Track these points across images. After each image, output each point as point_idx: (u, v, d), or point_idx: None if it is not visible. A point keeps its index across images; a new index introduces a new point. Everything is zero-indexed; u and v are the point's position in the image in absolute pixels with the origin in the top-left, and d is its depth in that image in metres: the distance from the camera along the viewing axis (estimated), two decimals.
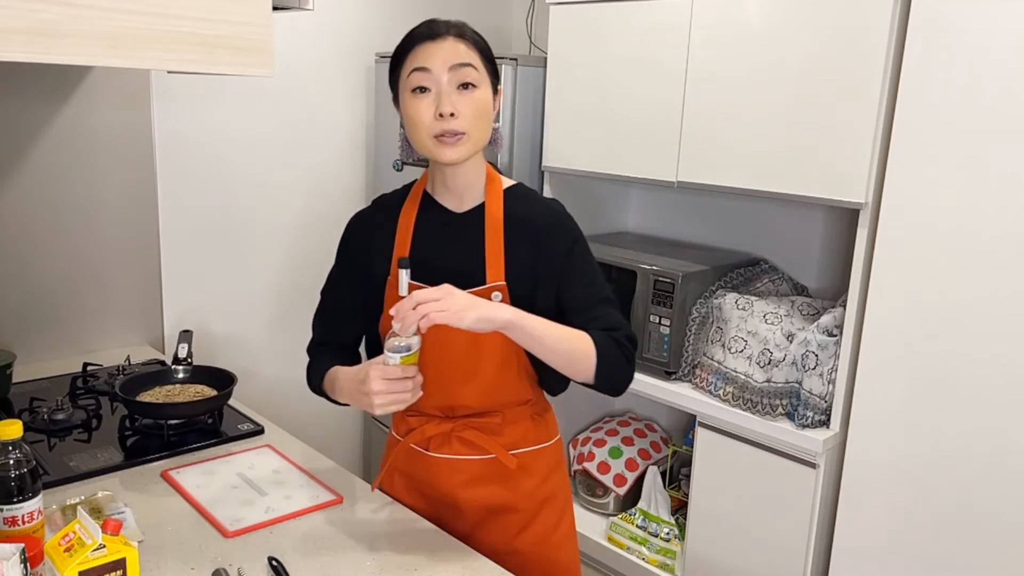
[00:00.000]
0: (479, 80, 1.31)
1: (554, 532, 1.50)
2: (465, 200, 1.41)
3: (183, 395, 1.83)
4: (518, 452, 1.46)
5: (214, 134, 2.48)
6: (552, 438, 1.53)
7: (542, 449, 1.49)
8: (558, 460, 1.54)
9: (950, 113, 1.66)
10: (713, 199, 2.53)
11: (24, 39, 1.07)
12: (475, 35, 1.34)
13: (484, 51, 1.34)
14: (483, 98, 1.32)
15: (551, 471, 1.51)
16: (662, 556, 2.29)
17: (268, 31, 1.32)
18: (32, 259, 2.15)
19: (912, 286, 1.75)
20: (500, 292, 1.35)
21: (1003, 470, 1.67)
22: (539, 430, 1.49)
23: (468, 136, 1.31)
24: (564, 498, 1.54)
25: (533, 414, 1.48)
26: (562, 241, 1.38)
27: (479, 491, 1.46)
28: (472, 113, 1.30)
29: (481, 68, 1.32)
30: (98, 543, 1.09)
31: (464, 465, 1.45)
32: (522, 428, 1.46)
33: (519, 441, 1.46)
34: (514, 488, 1.46)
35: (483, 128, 1.33)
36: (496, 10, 3.09)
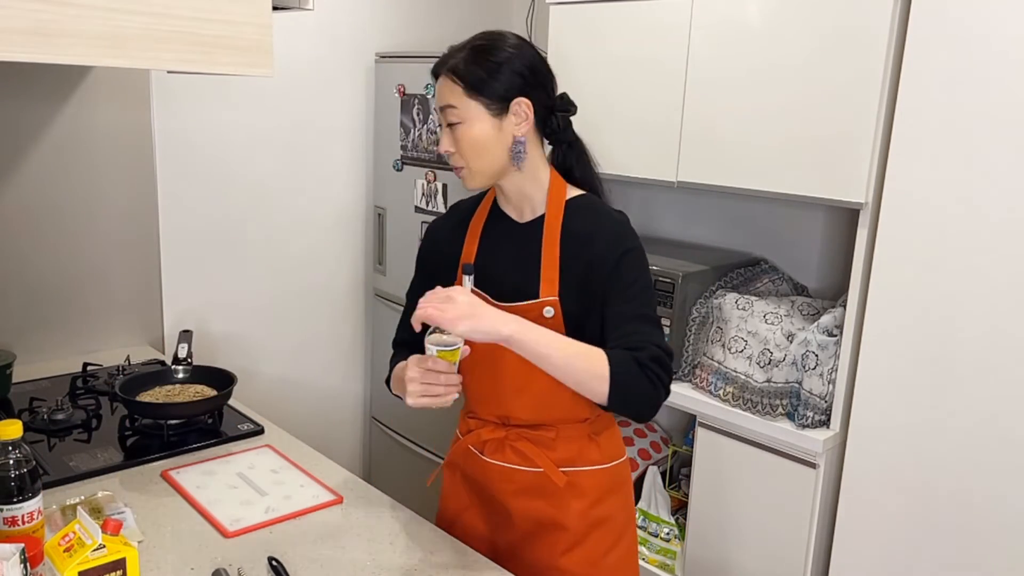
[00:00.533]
0: (462, 116, 1.32)
1: (606, 556, 1.44)
2: (525, 211, 1.42)
3: (183, 395, 1.84)
4: (569, 470, 1.42)
5: (214, 134, 2.48)
6: (611, 460, 1.46)
7: (597, 471, 1.44)
8: (618, 483, 1.47)
9: (950, 113, 1.66)
10: (713, 199, 2.52)
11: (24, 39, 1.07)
12: (463, 62, 1.33)
13: (470, 78, 1.32)
14: (467, 134, 1.33)
15: (606, 493, 1.45)
16: (662, 556, 2.29)
17: (268, 31, 1.32)
18: (32, 259, 2.15)
19: (912, 286, 1.75)
20: (552, 307, 1.34)
21: (1003, 470, 1.67)
22: (595, 450, 1.44)
23: (467, 167, 1.35)
24: (622, 523, 1.48)
25: (591, 433, 1.43)
26: (612, 255, 1.33)
27: (529, 503, 1.44)
28: (461, 149, 1.34)
29: (464, 102, 1.32)
30: (98, 543, 1.09)
31: (515, 475, 1.43)
32: (576, 446, 1.42)
33: (573, 459, 1.42)
34: (563, 506, 1.42)
35: (480, 157, 1.34)
36: (496, 10, 3.09)
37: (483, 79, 1.32)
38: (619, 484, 1.48)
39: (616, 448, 1.48)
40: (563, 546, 1.43)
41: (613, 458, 1.47)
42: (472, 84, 1.32)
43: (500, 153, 1.35)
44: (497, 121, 1.33)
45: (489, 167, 1.36)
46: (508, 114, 1.34)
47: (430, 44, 2.94)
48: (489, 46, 1.34)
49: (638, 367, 1.25)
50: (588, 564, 1.43)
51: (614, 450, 1.47)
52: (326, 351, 2.87)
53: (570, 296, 1.34)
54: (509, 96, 1.33)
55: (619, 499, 1.48)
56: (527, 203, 1.41)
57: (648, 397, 1.26)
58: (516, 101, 1.33)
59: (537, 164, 1.39)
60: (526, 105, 1.34)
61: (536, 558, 1.44)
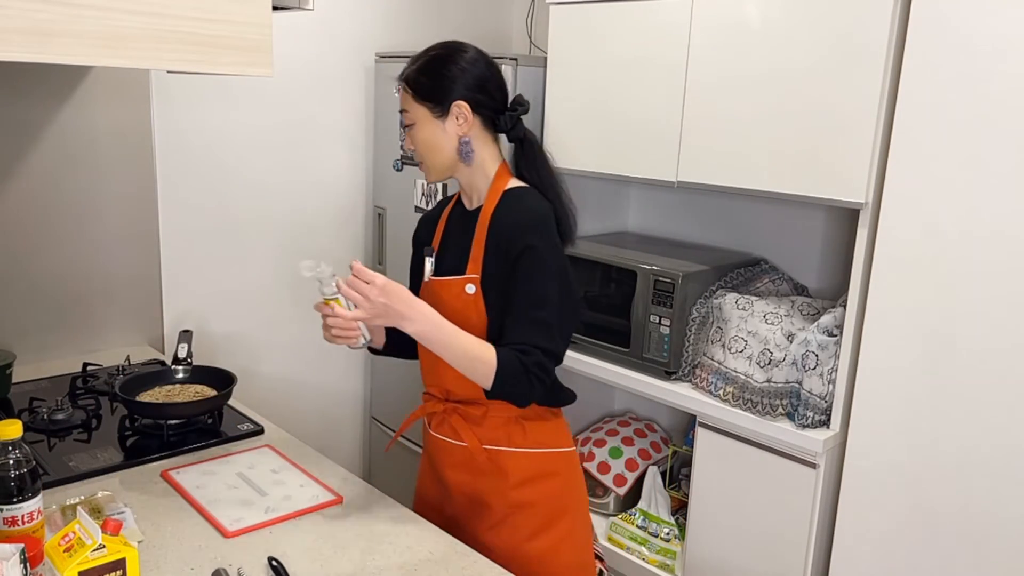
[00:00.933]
0: (412, 119, 1.50)
1: (530, 541, 1.51)
2: (474, 200, 1.56)
3: (183, 395, 1.83)
4: (492, 448, 1.51)
5: (214, 134, 2.48)
6: (539, 447, 1.53)
7: (521, 453, 1.51)
8: (547, 471, 1.53)
9: (950, 113, 1.66)
10: (713, 199, 2.53)
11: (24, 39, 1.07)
12: (414, 71, 1.49)
13: (419, 87, 1.48)
14: (418, 135, 1.50)
15: (532, 479, 1.51)
16: (662, 556, 2.29)
17: (268, 31, 1.32)
18: (32, 259, 2.15)
19: (912, 286, 1.75)
20: (473, 284, 1.48)
21: (1003, 470, 1.67)
22: (521, 434, 1.52)
23: (424, 164, 1.53)
24: (551, 512, 1.53)
25: (520, 417, 1.51)
26: (518, 245, 1.43)
27: (461, 476, 1.55)
28: (416, 148, 1.52)
29: (413, 106, 1.49)
30: (98, 543, 1.09)
31: (451, 448, 1.55)
32: (503, 427, 1.51)
33: (498, 439, 1.51)
34: (487, 483, 1.52)
35: (431, 154, 1.51)
36: (496, 10, 3.09)
37: (427, 86, 1.47)
38: (548, 473, 1.53)
39: (548, 437, 1.55)
40: (488, 523, 1.52)
41: (542, 445, 1.53)
42: (418, 91, 1.48)
43: (449, 151, 1.50)
44: (440, 123, 1.48)
45: (441, 163, 1.51)
46: (449, 116, 1.48)
47: (430, 44, 2.93)
48: (436, 56, 1.50)
49: (523, 370, 1.39)
50: (510, 546, 1.50)
51: (545, 438, 1.54)
52: (326, 351, 2.87)
53: (491, 275, 1.47)
54: (448, 101, 1.47)
55: (547, 488, 1.53)
56: (475, 193, 1.55)
57: (525, 395, 1.42)
58: (455, 104, 1.47)
59: (485, 158, 1.52)
60: (465, 108, 1.47)
61: (468, 531, 1.54)
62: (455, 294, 1.48)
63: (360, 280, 1.36)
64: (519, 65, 2.39)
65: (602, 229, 2.69)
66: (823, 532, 1.96)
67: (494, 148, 1.54)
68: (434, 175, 1.54)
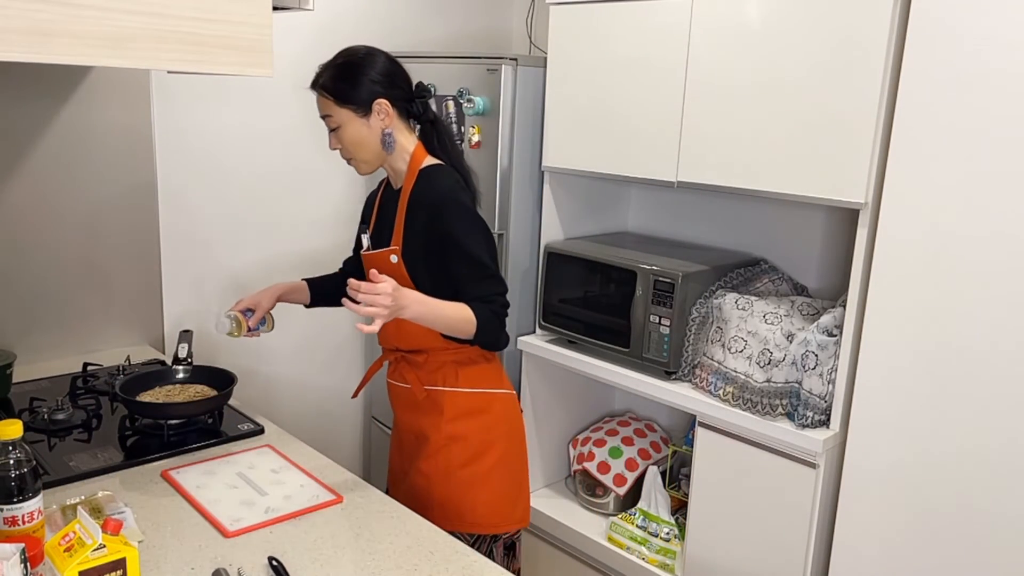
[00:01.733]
0: (338, 122, 1.67)
1: (461, 470, 1.73)
2: (398, 181, 1.76)
3: (183, 395, 1.84)
4: (431, 388, 1.76)
5: (214, 134, 2.48)
6: (472, 387, 1.75)
7: (455, 392, 1.74)
8: (477, 408, 1.75)
9: (950, 113, 1.66)
10: (713, 199, 2.53)
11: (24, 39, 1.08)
12: (333, 81, 1.65)
13: (340, 93, 1.65)
14: (347, 134, 1.67)
15: (464, 414, 1.74)
16: (662, 556, 2.29)
17: (268, 31, 1.32)
18: (32, 259, 2.15)
19: (912, 286, 1.76)
20: (395, 255, 1.69)
21: (1003, 469, 1.67)
22: (455, 376, 1.75)
23: (355, 159, 1.72)
24: (480, 444, 1.75)
25: (455, 362, 1.75)
26: (444, 224, 1.64)
27: (407, 415, 1.81)
28: (345, 147, 1.70)
29: (336, 111, 1.66)
30: (98, 543, 1.09)
31: (400, 391, 1.81)
32: (441, 370, 1.75)
33: (435, 380, 1.75)
34: (426, 419, 1.76)
35: (360, 150, 1.69)
36: (496, 10, 3.09)
37: (347, 91, 1.64)
38: (479, 410, 1.76)
39: (480, 379, 1.77)
40: (426, 452, 1.76)
41: (474, 386, 1.76)
42: (339, 96, 1.65)
43: (375, 144, 1.69)
44: (365, 121, 1.67)
45: (370, 157, 1.71)
46: (372, 114, 1.66)
47: (430, 44, 2.94)
48: (347, 63, 1.66)
49: (494, 316, 1.65)
50: (442, 472, 1.74)
51: (477, 380, 1.76)
52: (326, 351, 2.87)
53: (412, 245, 1.68)
54: (370, 100, 1.65)
55: (478, 422, 1.75)
56: (398, 175, 1.75)
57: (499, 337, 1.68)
58: (376, 102, 1.65)
59: (404, 144, 1.72)
60: (385, 104, 1.66)
61: (412, 462, 1.80)
62: (382, 263, 1.71)
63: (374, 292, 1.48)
64: (519, 65, 2.39)
65: (602, 229, 2.69)
66: (823, 532, 1.96)
67: (410, 133, 1.73)
68: (366, 168, 1.73)
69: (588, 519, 2.52)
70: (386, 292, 1.48)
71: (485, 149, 2.45)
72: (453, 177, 1.69)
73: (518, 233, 2.52)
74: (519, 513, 1.82)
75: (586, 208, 2.61)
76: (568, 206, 2.55)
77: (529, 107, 2.45)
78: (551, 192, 2.49)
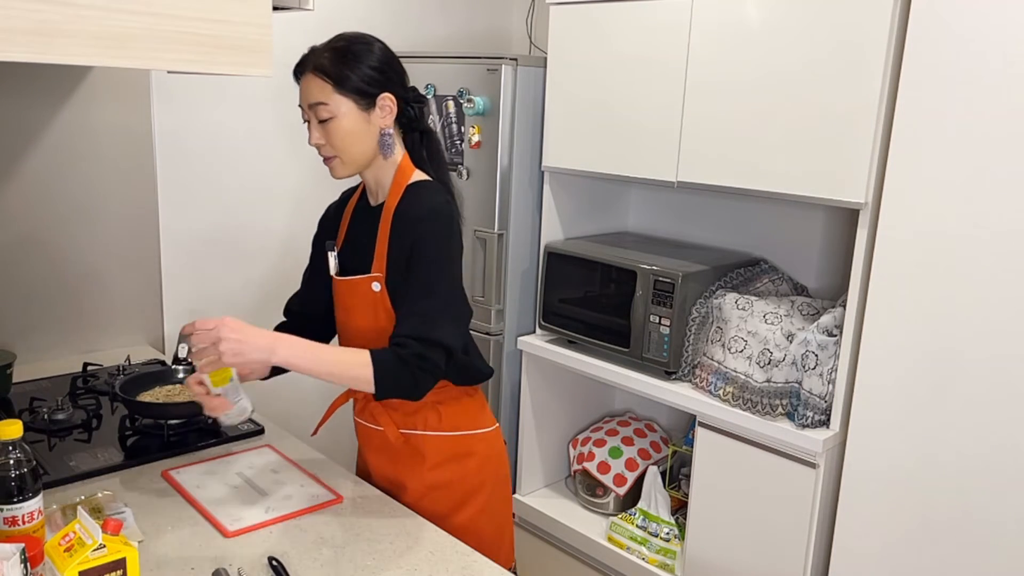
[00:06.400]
0: (334, 111, 1.43)
1: (443, 520, 1.54)
2: (379, 195, 1.55)
3: (183, 395, 1.83)
4: (408, 432, 1.55)
5: (214, 134, 2.48)
6: (453, 430, 1.56)
7: (435, 436, 1.55)
8: (462, 453, 1.57)
9: (950, 113, 1.66)
10: (713, 199, 2.53)
11: (24, 39, 1.07)
12: (331, 63, 1.42)
13: (339, 76, 1.42)
14: (340, 127, 1.44)
15: (449, 460, 1.56)
16: (662, 556, 2.29)
17: (268, 31, 1.32)
18: (32, 259, 2.15)
19: (912, 286, 1.75)
20: (378, 282, 1.47)
21: (1003, 469, 1.67)
22: (436, 417, 1.55)
23: (339, 158, 1.47)
24: (467, 489, 1.57)
25: (434, 401, 1.54)
26: (412, 235, 1.43)
27: (380, 460, 1.60)
28: (333, 141, 1.45)
29: (335, 98, 1.42)
30: (98, 543, 1.09)
31: (371, 432, 1.60)
32: (420, 412, 1.54)
33: (413, 423, 1.55)
34: (403, 466, 1.57)
35: (352, 147, 1.46)
36: (496, 10, 3.09)
37: (350, 77, 1.42)
38: (464, 454, 1.57)
39: (464, 419, 1.57)
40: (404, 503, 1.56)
41: (458, 428, 1.56)
42: (341, 81, 1.42)
43: (370, 144, 1.47)
44: (366, 115, 1.45)
45: (360, 157, 1.48)
46: (375, 108, 1.45)
47: (430, 44, 2.94)
48: (350, 47, 1.44)
49: (401, 364, 1.37)
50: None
51: (461, 421, 1.56)
52: None
53: (396, 272, 1.46)
54: (375, 91, 1.44)
55: (464, 467, 1.57)
56: (380, 188, 1.53)
57: (411, 389, 1.40)
58: (382, 96, 1.45)
59: (397, 153, 1.51)
60: (390, 99, 1.46)
61: None
62: (362, 293, 1.49)
63: (204, 330, 1.31)
64: (519, 65, 2.39)
65: (602, 229, 2.69)
66: (823, 532, 1.96)
67: (399, 140, 1.53)
68: (348, 170, 1.49)
69: (588, 519, 2.52)
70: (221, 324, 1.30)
71: (485, 149, 2.45)
72: (444, 196, 1.48)
73: (518, 233, 2.52)
74: (503, 557, 1.64)
75: (586, 208, 2.61)
76: (568, 206, 2.55)
77: (529, 107, 2.45)
78: (551, 192, 2.49)
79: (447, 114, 2.53)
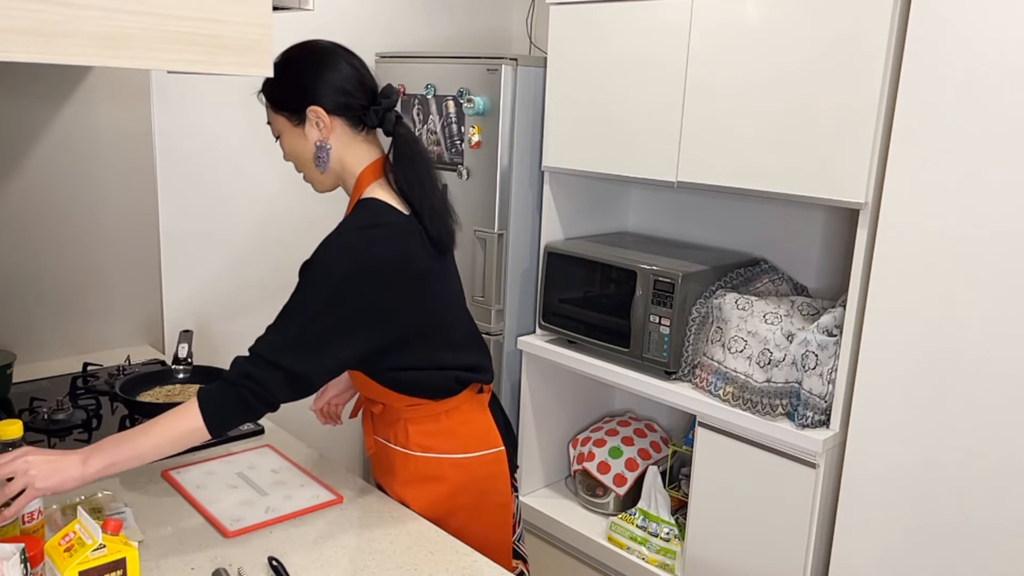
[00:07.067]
0: (279, 130, 1.42)
1: None
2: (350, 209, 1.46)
3: (183, 395, 1.84)
4: (382, 442, 1.54)
5: (214, 134, 2.48)
6: (419, 450, 1.48)
7: (404, 454, 1.50)
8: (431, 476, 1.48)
9: (950, 113, 1.66)
10: (713, 199, 2.53)
11: (24, 39, 1.07)
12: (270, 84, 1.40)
13: (274, 97, 1.41)
14: (286, 144, 1.43)
15: (413, 481, 1.49)
16: (662, 556, 2.29)
17: (268, 31, 1.32)
18: (32, 259, 2.15)
19: (912, 286, 1.75)
20: None
21: (1003, 469, 1.67)
22: (407, 436, 1.49)
23: (304, 176, 1.46)
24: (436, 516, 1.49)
25: (404, 419, 1.48)
26: None
27: (375, 464, 1.61)
28: (289, 158, 1.45)
29: (275, 118, 1.41)
30: (98, 543, 1.09)
31: (368, 439, 1.58)
32: (392, 426, 1.51)
33: (388, 435, 1.53)
34: (383, 473, 1.58)
35: (302, 165, 1.43)
36: (496, 10, 3.09)
37: (280, 94, 1.40)
38: (431, 477, 1.48)
39: (434, 441, 1.47)
40: None
41: (426, 450, 1.48)
42: (273, 101, 1.41)
43: (310, 161, 1.41)
44: (300, 130, 1.40)
45: (312, 174, 1.44)
46: (307, 123, 1.39)
47: (430, 44, 2.94)
48: (285, 61, 1.40)
49: (224, 388, 1.30)
50: None
51: (430, 442, 1.48)
52: None
53: None
54: (302, 106, 1.38)
55: (429, 493, 1.49)
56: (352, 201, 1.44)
57: (238, 414, 1.31)
58: (309, 109, 1.38)
59: (348, 162, 1.41)
60: (319, 112, 1.37)
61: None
62: None
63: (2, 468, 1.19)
64: (519, 65, 2.39)
65: (602, 229, 2.69)
66: (823, 532, 1.96)
67: (361, 149, 1.41)
68: (317, 187, 1.45)
69: (588, 519, 2.52)
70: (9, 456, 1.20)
71: (485, 149, 2.45)
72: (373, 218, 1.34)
73: (518, 233, 2.52)
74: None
75: (586, 208, 2.61)
76: (568, 206, 2.55)
77: (529, 107, 2.45)
78: (551, 192, 2.49)
79: (447, 114, 2.53)
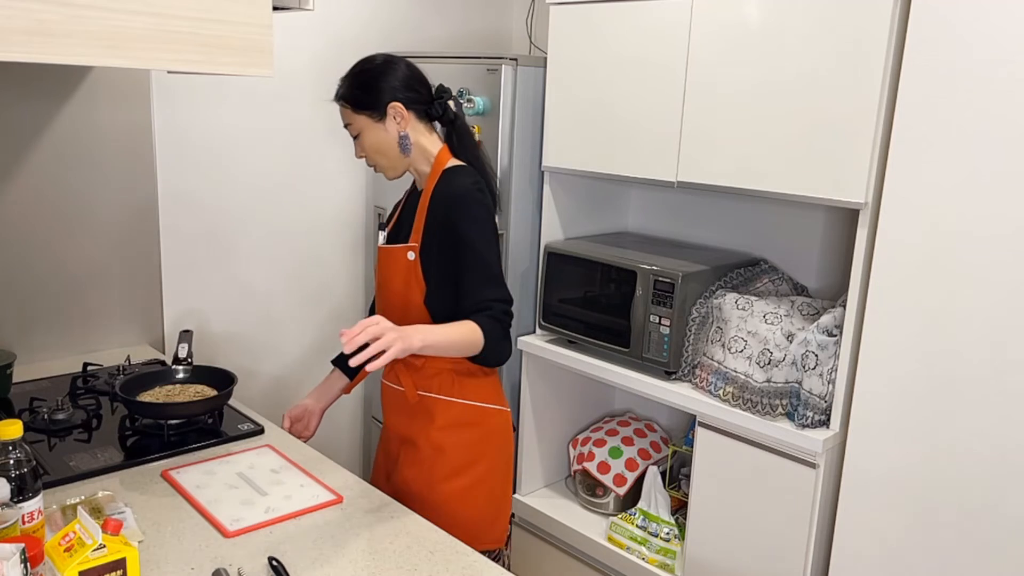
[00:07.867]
0: (359, 130, 1.70)
1: (443, 483, 1.69)
2: (422, 183, 1.77)
3: (183, 395, 1.84)
4: (424, 394, 1.72)
5: (214, 134, 2.48)
6: (466, 399, 1.72)
7: (451, 402, 1.71)
8: (469, 422, 1.72)
9: (950, 113, 1.66)
10: (713, 199, 2.53)
11: (24, 39, 1.07)
12: (349, 89, 1.69)
13: (356, 100, 1.68)
14: (367, 140, 1.70)
15: (454, 425, 1.71)
16: (662, 556, 2.29)
17: (268, 31, 1.32)
18: (32, 259, 2.15)
19: (912, 286, 1.76)
20: (413, 252, 1.69)
21: (1003, 469, 1.67)
22: (453, 385, 1.71)
23: (379, 165, 1.74)
24: (466, 458, 1.71)
25: (455, 371, 1.71)
26: (452, 217, 1.63)
27: (399, 418, 1.77)
28: (368, 153, 1.72)
29: (357, 118, 1.69)
30: (98, 543, 1.09)
31: (393, 392, 1.78)
32: (438, 377, 1.71)
33: (430, 387, 1.71)
34: (416, 424, 1.73)
35: (384, 155, 1.71)
36: (496, 10, 3.09)
37: (360, 97, 1.68)
38: (469, 423, 1.72)
39: (476, 392, 1.73)
40: (411, 459, 1.73)
41: (468, 398, 1.72)
42: (354, 103, 1.69)
43: (393, 148, 1.71)
44: (381, 125, 1.69)
45: (391, 161, 1.72)
46: (387, 118, 1.68)
47: (430, 44, 2.94)
48: (360, 70, 1.70)
49: (498, 325, 1.62)
50: (424, 482, 1.71)
51: (472, 393, 1.73)
52: (326, 351, 2.87)
53: (429, 243, 1.67)
54: (383, 104, 1.67)
55: (466, 436, 1.72)
56: (422, 177, 1.76)
57: (506, 349, 1.66)
58: (390, 106, 1.67)
59: (424, 146, 1.72)
60: (399, 107, 1.67)
61: (397, 467, 1.77)
62: (398, 259, 1.70)
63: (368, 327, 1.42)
64: (519, 65, 2.39)
65: (602, 229, 2.69)
66: (823, 532, 1.96)
67: (432, 135, 1.73)
68: (391, 172, 1.74)
69: (588, 519, 2.52)
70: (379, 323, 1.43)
71: (485, 149, 2.45)
72: (473, 177, 1.68)
73: (518, 233, 2.52)
74: (496, 533, 1.77)
75: (586, 208, 2.61)
76: (568, 206, 2.55)
77: (529, 107, 2.45)
78: (551, 192, 2.49)
79: None
